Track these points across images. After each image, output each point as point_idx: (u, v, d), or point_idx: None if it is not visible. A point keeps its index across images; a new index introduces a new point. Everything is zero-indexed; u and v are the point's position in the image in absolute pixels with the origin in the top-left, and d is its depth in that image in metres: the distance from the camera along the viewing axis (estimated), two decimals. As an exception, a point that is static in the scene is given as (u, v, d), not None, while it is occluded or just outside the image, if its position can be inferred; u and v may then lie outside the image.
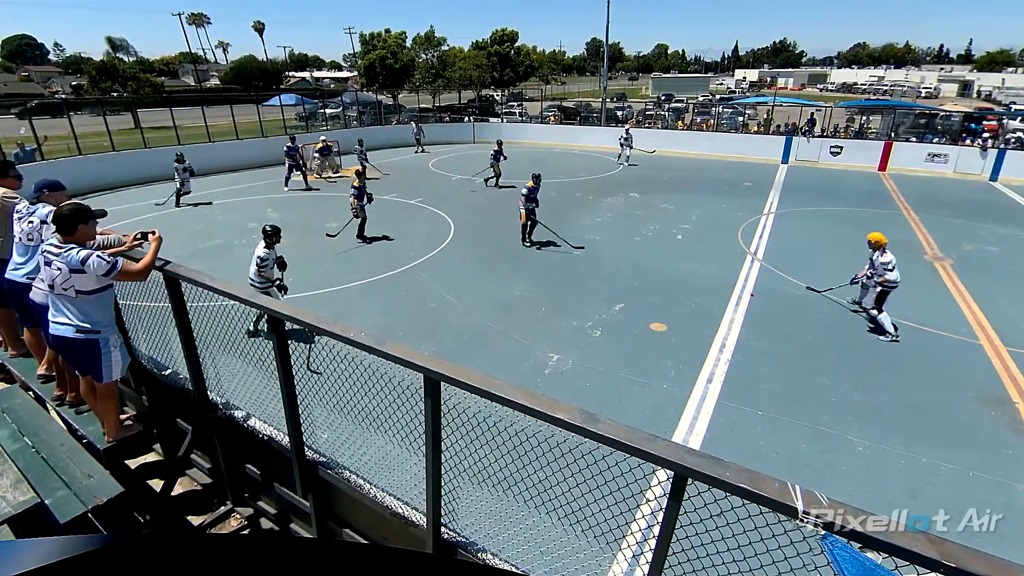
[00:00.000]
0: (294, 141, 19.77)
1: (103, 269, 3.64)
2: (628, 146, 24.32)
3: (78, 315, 3.78)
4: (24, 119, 18.61)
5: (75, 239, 3.69)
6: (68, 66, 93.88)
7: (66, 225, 3.66)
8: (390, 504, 3.28)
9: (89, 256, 3.61)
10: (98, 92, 44.86)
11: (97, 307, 3.83)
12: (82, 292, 3.71)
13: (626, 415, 6.46)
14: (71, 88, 69.52)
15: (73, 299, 3.73)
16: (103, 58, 61.75)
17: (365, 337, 2.61)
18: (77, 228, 3.69)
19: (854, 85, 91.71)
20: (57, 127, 19.78)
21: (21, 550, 1.02)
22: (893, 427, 6.36)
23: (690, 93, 67.93)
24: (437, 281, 10.65)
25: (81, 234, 3.72)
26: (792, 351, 8.07)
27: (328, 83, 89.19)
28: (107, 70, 47.08)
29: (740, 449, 5.95)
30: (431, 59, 50.58)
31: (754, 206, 17.03)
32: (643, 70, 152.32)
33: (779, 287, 10.43)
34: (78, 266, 3.60)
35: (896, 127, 25.34)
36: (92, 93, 45.63)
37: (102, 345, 3.88)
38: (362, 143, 21.97)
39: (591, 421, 2.00)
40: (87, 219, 3.76)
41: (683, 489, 1.94)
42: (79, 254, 3.61)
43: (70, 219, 3.67)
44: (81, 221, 3.71)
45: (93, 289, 3.73)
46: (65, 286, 3.67)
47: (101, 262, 3.63)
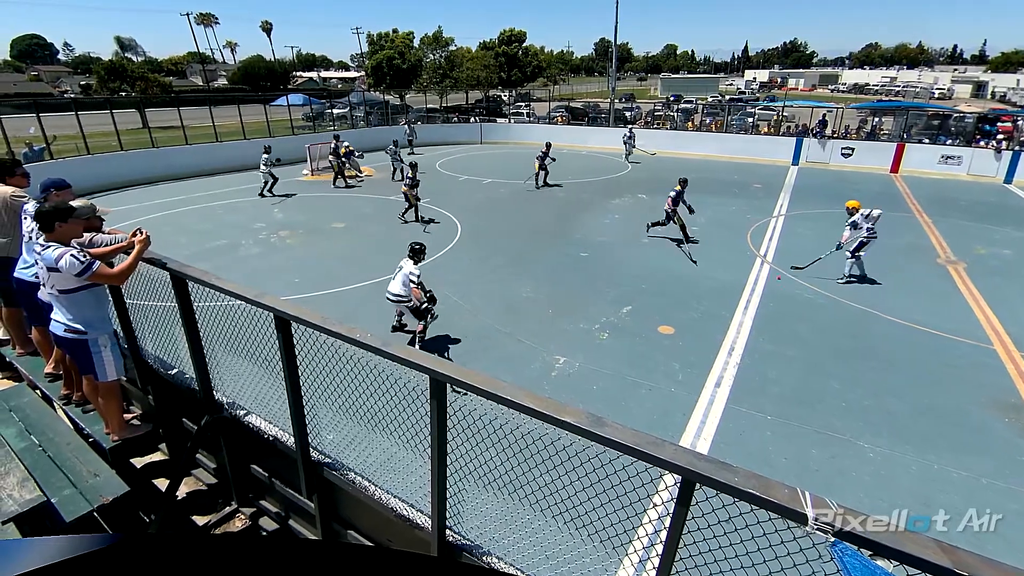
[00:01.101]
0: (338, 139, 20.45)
1: (76, 269, 3.61)
2: (631, 145, 25.30)
3: (66, 314, 3.81)
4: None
5: (55, 237, 3.68)
6: (77, 66, 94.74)
7: (45, 223, 3.65)
8: (395, 506, 3.28)
9: (63, 255, 3.59)
10: (107, 92, 45.28)
11: (83, 306, 3.83)
12: (63, 292, 3.72)
13: (633, 419, 6.44)
14: (80, 88, 70.21)
15: (58, 298, 3.76)
16: (112, 58, 62.24)
17: (371, 338, 2.62)
18: (55, 226, 3.67)
19: (866, 86, 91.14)
20: (66, 126, 19.97)
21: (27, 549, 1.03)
22: (904, 433, 6.31)
23: (699, 94, 67.77)
24: (443, 282, 10.66)
25: (61, 232, 3.69)
26: (802, 355, 8.03)
27: (335, 83, 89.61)
28: (116, 70, 47.44)
29: (749, 454, 5.92)
30: (439, 59, 50.73)
31: (764, 208, 16.96)
32: (652, 71, 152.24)
33: (789, 290, 10.37)
34: (52, 264, 3.60)
35: (909, 128, 25.15)
36: (101, 93, 46.06)
37: (91, 345, 3.90)
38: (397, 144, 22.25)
39: (598, 424, 2.00)
40: (66, 217, 3.73)
41: (691, 494, 1.93)
42: (54, 253, 3.60)
43: (49, 217, 3.65)
44: (59, 219, 3.68)
45: (72, 288, 3.73)
46: (48, 285, 3.71)
47: (74, 262, 3.60)
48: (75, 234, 3.87)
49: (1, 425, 4.03)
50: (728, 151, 26.87)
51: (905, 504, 5.24)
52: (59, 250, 3.61)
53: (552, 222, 14.85)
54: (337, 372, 3.39)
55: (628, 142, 25.35)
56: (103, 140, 21.19)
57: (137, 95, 43.18)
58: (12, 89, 63.54)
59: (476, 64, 51.03)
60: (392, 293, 7.95)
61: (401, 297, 7.91)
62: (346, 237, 13.79)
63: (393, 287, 7.94)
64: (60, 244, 3.67)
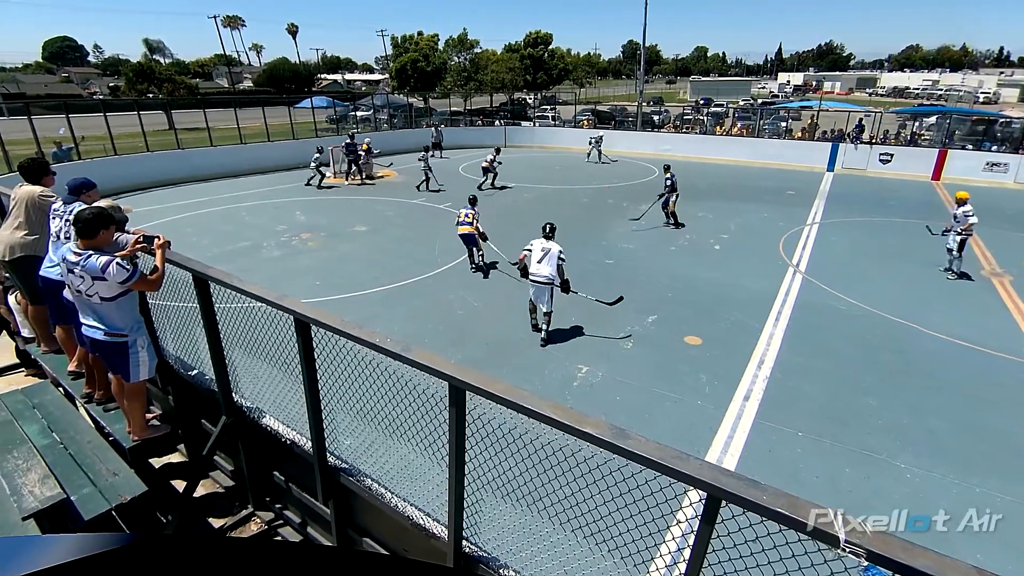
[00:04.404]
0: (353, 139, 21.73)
1: (122, 276, 3.71)
2: (598, 149, 26.87)
3: (105, 320, 3.87)
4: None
5: (95, 244, 3.74)
6: (106, 68, 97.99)
7: (88, 229, 3.69)
8: (411, 514, 3.29)
9: (110, 263, 3.67)
10: (135, 93, 46.71)
11: (122, 311, 3.92)
12: (105, 299, 3.78)
13: (658, 431, 6.36)
14: (109, 89, 72.46)
15: (98, 305, 3.81)
16: (140, 60, 64.17)
17: (391, 343, 2.64)
18: (99, 233, 3.74)
19: (906, 89, 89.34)
20: (94, 127, 20.59)
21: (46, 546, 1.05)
22: (945, 454, 6.12)
23: (730, 97, 67.20)
24: (465, 287, 10.71)
25: (102, 239, 3.78)
26: (836, 369, 7.85)
27: (359, 86, 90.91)
28: (144, 72, 49.01)
29: (778, 471, 5.80)
30: (463, 62, 51.15)
31: (797, 216, 16.69)
32: (681, 73, 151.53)
33: (823, 301, 10.18)
34: (99, 273, 3.66)
35: (951, 134, 24.57)
36: (129, 94, 47.52)
37: (130, 346, 3.99)
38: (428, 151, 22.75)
39: (621, 437, 1.98)
40: (109, 224, 3.82)
41: (716, 512, 1.89)
42: (99, 261, 3.65)
43: (92, 223, 3.70)
44: (103, 226, 3.76)
45: (115, 295, 3.80)
46: (89, 292, 3.75)
47: (121, 270, 3.70)
48: (111, 239, 3.94)
49: (25, 422, 4.15)
50: (760, 156, 26.56)
51: (948, 529, 5.08)
52: (103, 258, 3.67)
53: (577, 228, 14.79)
54: (356, 377, 3.42)
55: (595, 145, 26.84)
56: (130, 141, 21.82)
57: (164, 97, 44.41)
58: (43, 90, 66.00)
59: (501, 67, 51.35)
60: (544, 276, 8.15)
61: (550, 279, 8.13)
62: (368, 240, 13.93)
63: (543, 270, 8.15)
64: (98, 250, 3.73)
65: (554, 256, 8.13)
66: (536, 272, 8.19)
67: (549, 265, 8.11)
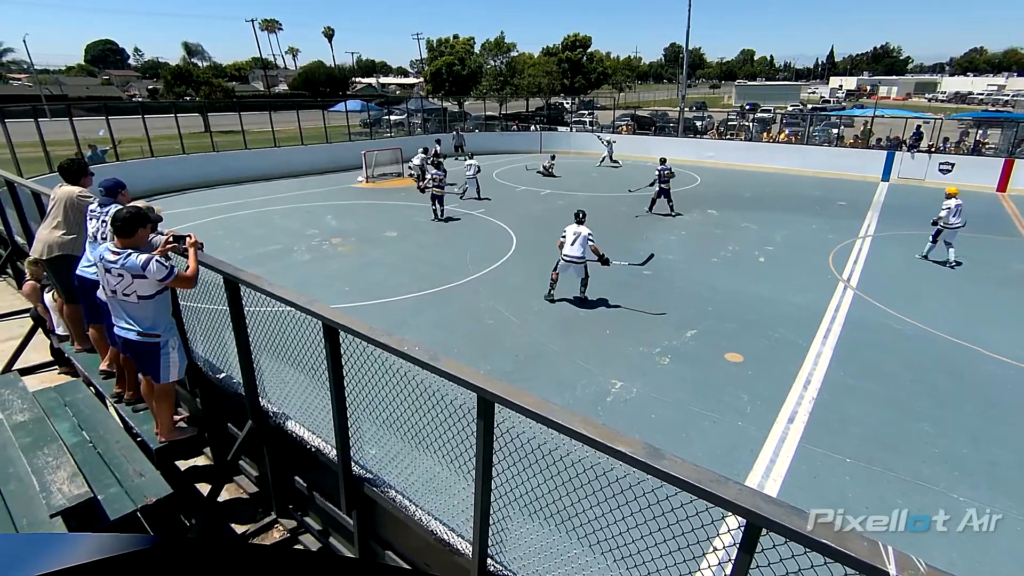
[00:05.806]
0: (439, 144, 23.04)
1: (161, 274, 3.88)
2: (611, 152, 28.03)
3: (140, 319, 4.02)
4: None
5: (133, 243, 3.93)
6: (146, 70, 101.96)
7: (127, 228, 3.88)
8: (435, 528, 3.29)
9: (149, 261, 3.84)
10: (173, 96, 48.55)
11: (157, 310, 4.08)
12: (143, 297, 3.94)
13: (695, 453, 6.26)
14: (148, 92, 75.43)
15: (135, 304, 3.96)
16: (179, 63, 66.60)
17: (420, 352, 2.66)
18: (137, 231, 3.93)
19: (969, 95, 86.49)
20: (133, 128, 21.44)
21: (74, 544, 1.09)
22: (1008, 487, 5.84)
23: (778, 102, 65.98)
24: (496, 296, 10.74)
25: (139, 238, 3.97)
26: (888, 392, 7.59)
27: (394, 90, 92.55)
28: (182, 75, 50.87)
29: (824, 499, 5.62)
30: (499, 65, 51.55)
31: (849, 228, 16.27)
32: (726, 77, 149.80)
33: (876, 319, 9.87)
34: (139, 271, 3.82)
35: (1019, 143, 23.61)
36: (167, 97, 49.39)
37: (161, 347, 4.13)
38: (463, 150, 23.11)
39: (655, 457, 1.95)
40: (146, 223, 4.01)
41: (756, 540, 1.85)
42: (139, 259, 3.83)
43: (131, 223, 3.89)
44: (141, 225, 3.95)
45: (152, 293, 3.96)
46: (127, 291, 3.90)
47: (161, 267, 3.87)
48: (147, 238, 4.14)
49: (56, 419, 4.31)
50: (809, 165, 26.03)
51: (1007, 568, 4.84)
52: (143, 256, 3.86)
53: (613, 237, 14.69)
54: (383, 385, 3.46)
55: (608, 147, 27.99)
56: (166, 143, 22.67)
57: (201, 100, 46.01)
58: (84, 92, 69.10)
59: (538, 70, 51.56)
60: (574, 256, 9.94)
61: (580, 258, 9.94)
62: (398, 246, 14.13)
63: (574, 251, 9.92)
64: (136, 249, 3.92)
65: (583, 238, 9.88)
66: (568, 253, 9.95)
67: (581, 246, 9.88)
